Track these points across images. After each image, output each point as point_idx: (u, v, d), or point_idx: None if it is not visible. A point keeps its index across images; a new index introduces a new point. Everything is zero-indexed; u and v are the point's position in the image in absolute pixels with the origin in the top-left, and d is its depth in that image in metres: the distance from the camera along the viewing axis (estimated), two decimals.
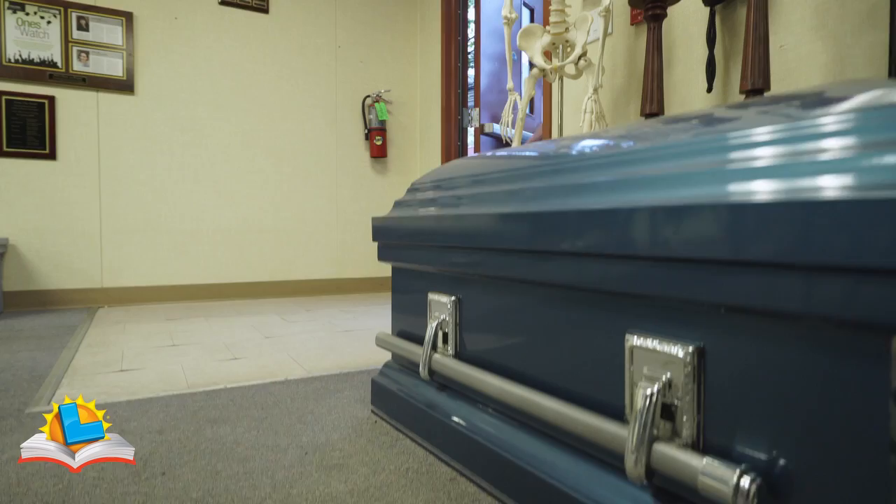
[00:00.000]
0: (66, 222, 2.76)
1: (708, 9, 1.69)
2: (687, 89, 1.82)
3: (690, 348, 0.57)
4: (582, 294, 0.70)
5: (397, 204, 1.20)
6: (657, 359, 0.60)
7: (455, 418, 0.92)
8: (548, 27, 1.89)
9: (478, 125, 3.37)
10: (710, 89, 1.70)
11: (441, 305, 0.99)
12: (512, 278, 0.82)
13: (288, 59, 3.26)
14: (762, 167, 0.52)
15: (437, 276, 1.02)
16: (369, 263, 3.54)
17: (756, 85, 1.31)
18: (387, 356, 1.28)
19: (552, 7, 1.83)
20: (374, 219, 1.18)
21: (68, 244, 2.77)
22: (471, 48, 3.48)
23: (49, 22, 2.68)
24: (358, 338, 2.03)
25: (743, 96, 1.36)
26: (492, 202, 0.86)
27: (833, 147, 0.47)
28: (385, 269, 3.51)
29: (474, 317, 0.93)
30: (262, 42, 3.19)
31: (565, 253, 0.68)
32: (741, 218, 0.48)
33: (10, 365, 1.59)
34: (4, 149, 2.63)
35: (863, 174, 0.43)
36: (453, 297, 0.97)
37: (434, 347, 0.99)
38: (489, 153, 1.17)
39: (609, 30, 2.00)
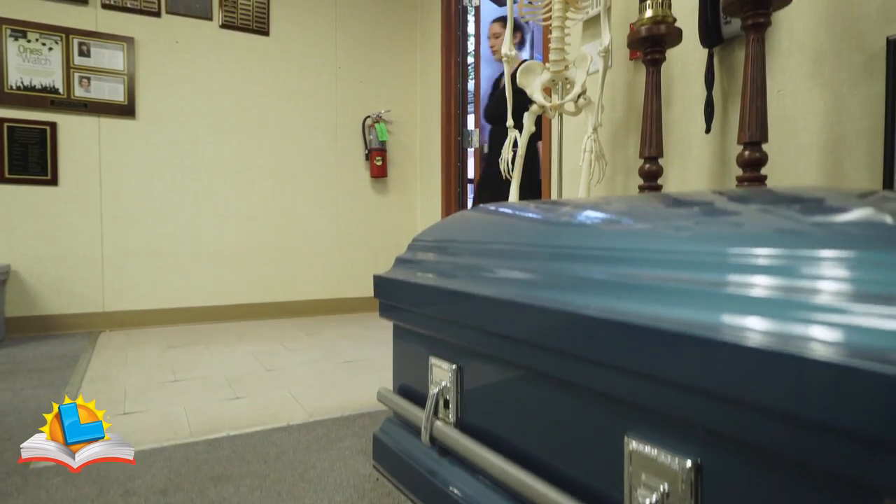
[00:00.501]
0: (67, 247, 2.77)
1: (706, 50, 1.70)
2: (685, 129, 1.83)
3: (688, 463, 0.58)
4: (583, 389, 0.71)
5: (398, 261, 1.21)
6: (656, 467, 0.61)
7: (455, 489, 0.94)
8: (547, 64, 1.90)
9: (478, 146, 3.38)
10: (708, 130, 1.72)
11: (442, 372, 1.00)
12: (511, 362, 0.83)
13: (288, 80, 3.27)
14: (758, 298, 0.53)
15: (439, 341, 1.03)
16: (368, 283, 3.55)
17: (754, 138, 1.32)
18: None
19: (552, 45, 1.85)
20: (375, 277, 1.20)
21: (70, 269, 2.78)
22: (471, 60, 3.49)
23: (51, 49, 2.69)
24: (358, 370, 2.04)
25: (741, 147, 1.37)
26: (491, 282, 0.88)
27: (835, 292, 0.49)
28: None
29: (477, 387, 0.94)
30: (263, 63, 3.20)
31: (564, 352, 0.69)
32: (733, 358, 0.49)
33: (14, 407, 1.61)
34: (6, 176, 2.64)
35: (858, 335, 0.44)
36: (454, 366, 0.98)
37: (436, 413, 1.00)
38: (492, 209, 1.18)
39: (609, 63, 2.01)
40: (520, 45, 3.12)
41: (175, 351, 2.34)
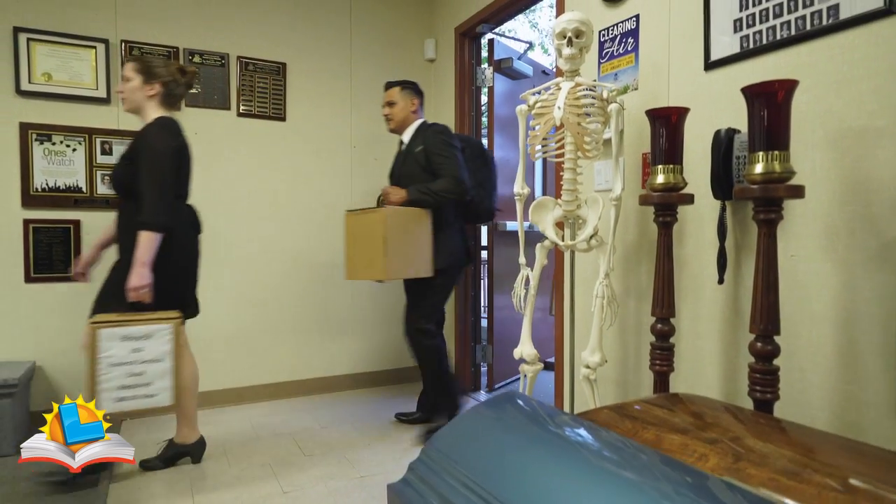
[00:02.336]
0: None
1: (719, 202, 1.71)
2: (698, 280, 1.83)
3: None
4: None
5: (411, 471, 1.23)
6: None
7: None
8: (559, 200, 1.91)
9: (492, 224, 3.40)
10: (721, 281, 1.72)
11: None
12: None
13: (304, 162, 3.32)
14: None
15: None
16: (383, 356, 3.59)
17: (766, 332, 1.33)
18: None
19: (564, 186, 1.86)
20: (388, 486, 1.22)
21: None
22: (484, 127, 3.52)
23: (74, 150, 2.77)
24: (374, 492, 2.06)
25: (752, 336, 1.37)
26: None
27: None
28: (396, 361, 3.56)
29: None
30: (279, 148, 3.26)
31: None
32: None
33: None
34: (32, 275, 2.71)
35: None
36: None
37: None
38: (506, 437, 1.19)
39: (620, 211, 2.02)
40: None
41: (192, 473, 2.38)
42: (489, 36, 3.30)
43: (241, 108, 3.13)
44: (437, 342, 2.65)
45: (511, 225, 3.42)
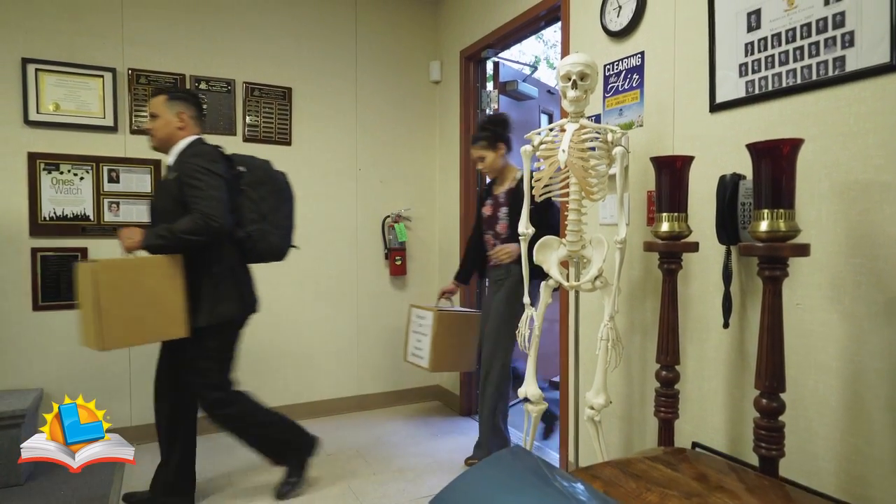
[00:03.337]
0: (96, 367, 2.86)
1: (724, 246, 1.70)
2: (703, 321, 1.82)
3: None
4: None
5: None
6: None
7: None
8: (563, 240, 1.91)
9: None
10: (726, 325, 1.71)
11: None
12: None
13: (310, 186, 3.32)
14: None
15: None
16: (387, 379, 3.60)
17: (772, 389, 1.32)
18: None
19: (569, 227, 1.86)
20: None
21: (99, 388, 2.86)
22: None
23: (82, 178, 2.79)
24: None
25: (757, 392, 1.37)
26: None
27: None
28: (400, 383, 3.57)
29: None
30: (285, 172, 3.26)
31: None
32: None
33: None
34: (40, 303, 2.74)
35: None
36: None
37: None
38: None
39: (625, 254, 2.02)
40: None
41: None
42: (494, 59, 3.30)
43: (247, 132, 3.15)
44: (239, 404, 2.25)
45: None
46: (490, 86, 3.40)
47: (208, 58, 3.07)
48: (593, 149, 1.80)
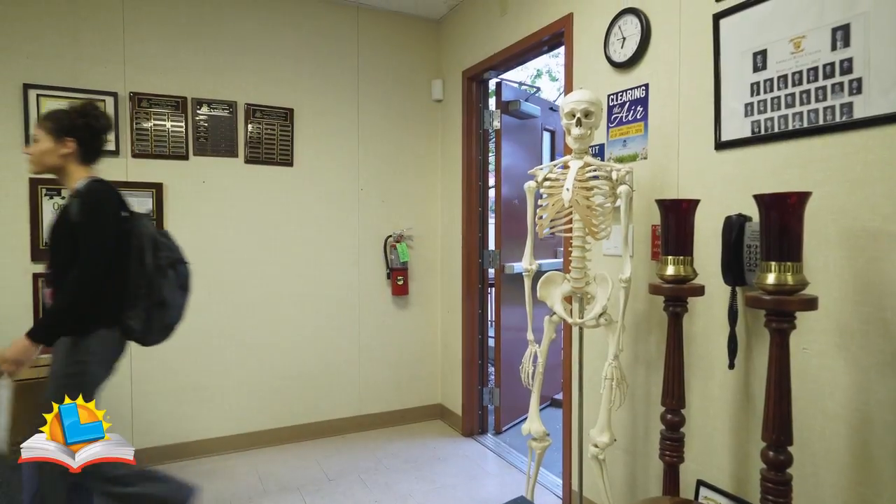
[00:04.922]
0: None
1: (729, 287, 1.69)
2: (708, 360, 1.81)
3: None
4: None
5: None
6: None
7: None
8: (567, 276, 1.90)
9: (498, 266, 3.39)
10: (731, 366, 1.70)
11: None
12: None
13: (312, 206, 3.32)
14: None
15: None
16: (389, 399, 3.58)
17: (779, 442, 1.31)
18: None
19: (573, 264, 1.85)
20: None
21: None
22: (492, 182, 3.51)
23: None
24: None
25: (764, 443, 1.36)
26: None
27: None
28: (401, 402, 3.55)
29: None
30: (287, 193, 3.26)
31: None
32: None
33: None
34: None
35: None
36: None
37: None
38: None
39: (629, 294, 2.01)
40: None
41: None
42: (496, 80, 3.29)
43: (249, 154, 3.14)
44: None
45: (517, 266, 3.40)
46: (492, 104, 3.39)
47: (210, 80, 3.06)
48: (598, 194, 1.79)
